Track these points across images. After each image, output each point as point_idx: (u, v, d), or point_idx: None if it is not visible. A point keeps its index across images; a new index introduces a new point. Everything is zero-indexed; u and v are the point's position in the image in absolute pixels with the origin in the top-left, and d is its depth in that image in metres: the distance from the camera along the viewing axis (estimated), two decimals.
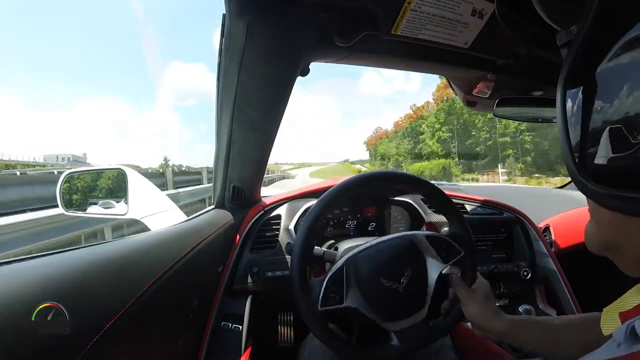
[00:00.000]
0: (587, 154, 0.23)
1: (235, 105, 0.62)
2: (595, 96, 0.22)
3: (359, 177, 0.63)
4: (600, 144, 0.21)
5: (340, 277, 0.58)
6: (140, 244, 0.51)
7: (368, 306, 0.57)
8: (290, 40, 0.52)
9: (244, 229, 0.86)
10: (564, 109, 0.24)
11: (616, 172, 0.21)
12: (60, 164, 47.15)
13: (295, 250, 0.58)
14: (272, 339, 0.98)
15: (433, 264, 0.61)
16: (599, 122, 0.22)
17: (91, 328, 0.34)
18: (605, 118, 0.21)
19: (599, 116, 0.22)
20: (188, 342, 0.65)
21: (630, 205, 0.20)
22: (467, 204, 1.03)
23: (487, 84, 0.70)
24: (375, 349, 0.60)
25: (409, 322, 0.59)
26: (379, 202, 1.00)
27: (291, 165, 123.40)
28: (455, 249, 0.62)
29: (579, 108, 0.23)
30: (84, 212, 0.91)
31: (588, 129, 0.22)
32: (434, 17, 0.49)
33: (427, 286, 0.60)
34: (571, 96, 0.24)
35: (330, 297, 0.56)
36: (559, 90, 0.24)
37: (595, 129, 0.22)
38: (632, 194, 0.20)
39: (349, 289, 0.58)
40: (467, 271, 0.63)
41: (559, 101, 0.24)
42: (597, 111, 0.22)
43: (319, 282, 0.58)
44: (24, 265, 0.34)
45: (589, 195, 0.23)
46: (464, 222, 0.64)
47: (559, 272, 0.92)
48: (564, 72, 0.24)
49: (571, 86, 0.24)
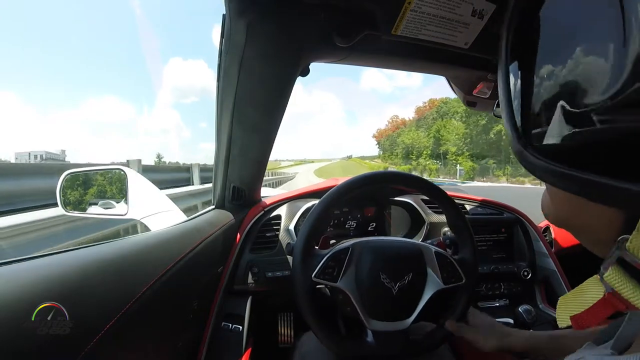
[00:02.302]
0: (530, 128, 0.22)
1: (235, 105, 0.62)
2: (531, 66, 0.21)
3: (367, 175, 0.64)
4: (539, 115, 0.21)
5: (344, 256, 0.59)
6: (140, 244, 0.51)
7: (358, 295, 0.58)
8: (290, 41, 0.52)
9: (244, 229, 0.86)
10: (507, 84, 0.23)
11: (563, 148, 0.19)
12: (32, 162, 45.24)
13: (297, 249, 0.58)
14: (272, 339, 0.98)
15: (433, 280, 0.61)
16: (538, 94, 0.21)
17: (91, 328, 0.34)
18: (542, 89, 0.21)
19: (537, 88, 0.21)
20: (188, 343, 0.65)
21: (577, 187, 0.19)
22: (467, 204, 1.03)
23: (487, 84, 0.70)
24: (349, 341, 0.60)
25: (390, 327, 0.59)
26: (379, 202, 1.00)
27: (291, 162, 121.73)
28: (458, 274, 0.62)
29: (518, 81, 0.23)
30: (83, 212, 0.91)
31: (529, 103, 0.22)
32: (434, 18, 0.49)
33: (421, 298, 0.60)
34: (512, 71, 0.23)
35: (327, 272, 0.57)
36: (500, 65, 0.24)
37: (534, 101, 0.21)
38: (580, 174, 0.18)
39: (347, 271, 0.58)
40: (461, 298, 0.63)
41: (501, 77, 0.24)
42: (534, 83, 0.21)
43: (322, 253, 0.59)
44: (24, 266, 0.34)
45: (536, 174, 0.21)
46: (475, 251, 0.64)
47: (559, 272, 0.92)
48: (503, 47, 0.24)
49: (512, 59, 0.23)
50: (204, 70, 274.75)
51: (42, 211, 2.20)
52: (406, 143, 62.46)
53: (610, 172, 0.17)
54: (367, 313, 0.58)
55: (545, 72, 0.20)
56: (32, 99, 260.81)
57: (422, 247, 0.63)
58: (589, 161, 0.18)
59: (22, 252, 0.57)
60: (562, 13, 0.20)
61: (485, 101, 0.76)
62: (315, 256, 0.59)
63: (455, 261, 0.63)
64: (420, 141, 58.77)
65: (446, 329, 0.62)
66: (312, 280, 0.57)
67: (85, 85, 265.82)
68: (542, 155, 0.20)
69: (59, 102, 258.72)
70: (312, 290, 0.58)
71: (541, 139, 0.21)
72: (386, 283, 0.58)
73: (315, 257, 0.59)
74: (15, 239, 1.90)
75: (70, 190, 0.90)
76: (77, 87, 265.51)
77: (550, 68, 0.20)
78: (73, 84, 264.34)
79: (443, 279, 0.61)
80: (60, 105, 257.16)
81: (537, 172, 0.21)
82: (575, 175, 0.18)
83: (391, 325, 0.59)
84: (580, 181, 0.18)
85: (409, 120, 72.02)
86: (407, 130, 66.63)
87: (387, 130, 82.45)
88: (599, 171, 0.17)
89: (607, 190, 0.17)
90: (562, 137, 0.19)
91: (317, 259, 0.58)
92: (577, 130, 0.18)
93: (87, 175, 0.92)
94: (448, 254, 0.64)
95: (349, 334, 0.62)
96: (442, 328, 0.63)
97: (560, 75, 0.19)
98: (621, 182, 0.16)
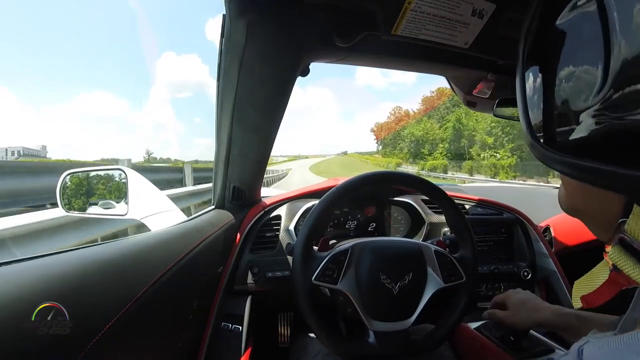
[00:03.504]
0: (542, 124, 0.24)
1: (235, 105, 0.62)
2: (550, 67, 0.23)
3: (364, 176, 0.64)
4: (551, 112, 0.23)
5: (343, 258, 0.59)
6: (140, 244, 0.51)
7: (359, 296, 0.58)
8: (290, 41, 0.52)
9: (244, 229, 0.86)
10: (523, 83, 0.26)
11: (574, 142, 0.22)
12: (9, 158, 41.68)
13: (297, 249, 0.58)
14: (272, 339, 0.98)
15: (433, 280, 0.61)
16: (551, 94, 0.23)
17: (91, 328, 0.34)
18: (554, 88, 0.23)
19: (550, 87, 0.23)
20: (188, 343, 0.65)
21: (591, 176, 0.21)
22: (467, 204, 1.03)
23: (487, 84, 0.70)
24: (350, 342, 0.60)
25: (391, 327, 0.59)
26: (379, 202, 1.00)
27: (285, 157, 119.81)
28: (458, 272, 0.62)
29: (537, 81, 0.25)
30: (84, 212, 0.91)
31: (542, 100, 0.24)
32: (434, 18, 0.49)
33: (421, 298, 0.60)
34: (529, 71, 0.25)
35: (327, 274, 0.57)
36: (518, 67, 0.26)
37: (545, 99, 0.24)
38: (589, 164, 0.20)
39: (347, 273, 0.58)
40: (461, 297, 0.63)
41: (518, 77, 0.26)
42: (551, 84, 0.23)
43: (321, 256, 0.59)
44: (24, 266, 0.34)
45: (547, 163, 0.23)
46: (474, 249, 0.64)
47: (559, 273, 0.92)
48: (521, 50, 0.26)
49: (529, 61, 0.25)
50: (198, 65, 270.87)
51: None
52: (417, 135, 53.63)
53: (612, 160, 0.19)
54: (368, 314, 0.58)
55: (564, 72, 0.22)
56: (17, 92, 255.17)
57: (422, 247, 0.63)
58: (593, 151, 0.20)
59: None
60: (582, 17, 0.21)
61: (485, 101, 0.76)
62: (315, 258, 0.59)
63: (455, 260, 0.63)
64: (435, 133, 50.95)
65: (446, 329, 0.62)
66: (312, 283, 0.57)
67: (76, 79, 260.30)
68: (553, 148, 0.23)
69: (47, 96, 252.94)
70: (312, 293, 0.58)
71: (552, 133, 0.23)
72: (386, 283, 0.58)
73: (315, 259, 0.59)
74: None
75: (70, 190, 0.90)
76: (67, 81, 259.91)
77: (565, 68, 0.22)
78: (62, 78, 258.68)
79: (443, 277, 0.61)
80: (47, 99, 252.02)
81: (548, 162, 0.23)
82: (579, 164, 0.21)
83: (392, 325, 0.59)
84: (582, 168, 0.21)
85: (415, 113, 65.30)
86: (413, 122, 59.18)
87: (388, 123, 76.43)
88: (602, 160, 0.19)
89: (606, 176, 0.19)
90: (571, 132, 0.22)
91: (317, 262, 0.58)
92: (582, 125, 0.21)
93: (87, 175, 0.92)
94: (448, 252, 0.64)
95: (350, 335, 0.62)
96: (442, 328, 0.63)
97: (571, 77, 0.22)
98: (620, 169, 0.18)
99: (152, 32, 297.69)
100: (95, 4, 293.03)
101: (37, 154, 65.29)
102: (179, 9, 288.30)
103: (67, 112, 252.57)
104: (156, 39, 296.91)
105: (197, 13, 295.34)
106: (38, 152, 67.57)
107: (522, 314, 0.61)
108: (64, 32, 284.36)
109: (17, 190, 2.64)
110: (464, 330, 0.81)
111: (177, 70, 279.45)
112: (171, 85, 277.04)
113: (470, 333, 0.78)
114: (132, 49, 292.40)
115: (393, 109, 75.40)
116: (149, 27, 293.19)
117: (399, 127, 65.56)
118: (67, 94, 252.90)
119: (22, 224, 1.74)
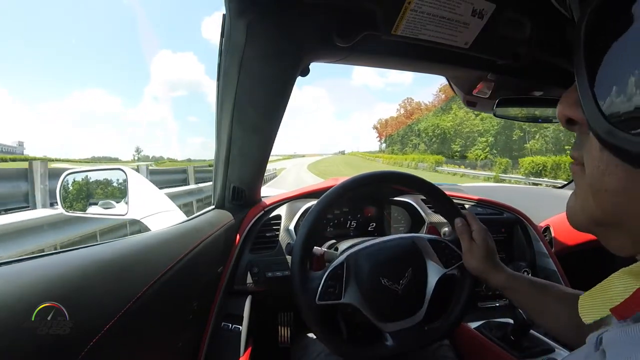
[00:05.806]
0: (616, 109, 0.20)
1: (235, 105, 0.62)
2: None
3: (362, 176, 0.64)
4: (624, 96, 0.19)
5: (341, 272, 0.58)
6: (140, 244, 0.51)
7: (366, 304, 0.58)
8: (290, 41, 0.52)
9: (244, 229, 0.86)
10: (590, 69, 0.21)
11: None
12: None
13: (296, 249, 0.58)
14: (272, 339, 0.98)
15: (433, 268, 0.61)
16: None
17: (91, 328, 0.34)
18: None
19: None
20: (188, 343, 0.65)
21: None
22: (467, 204, 1.03)
23: (487, 84, 0.70)
24: (369, 348, 0.60)
25: (405, 324, 0.59)
26: (379, 202, 1.00)
27: (279, 156, 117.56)
28: (456, 254, 0.63)
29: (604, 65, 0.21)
30: (83, 212, 0.91)
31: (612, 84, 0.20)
32: (434, 18, 0.49)
33: (426, 289, 0.60)
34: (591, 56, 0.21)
35: (329, 292, 0.57)
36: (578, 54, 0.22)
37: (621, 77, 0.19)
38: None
39: (349, 286, 0.58)
40: (466, 278, 0.63)
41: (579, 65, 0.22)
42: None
43: (319, 276, 0.58)
44: (24, 266, 0.34)
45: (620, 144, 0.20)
46: None
47: (559, 273, 0.92)
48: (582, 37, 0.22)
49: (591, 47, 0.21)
50: (193, 63, 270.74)
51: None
52: (443, 128, 44.12)
53: None
54: (379, 318, 0.58)
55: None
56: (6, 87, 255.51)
57: (414, 239, 0.63)
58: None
59: None
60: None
61: (485, 101, 0.76)
62: (313, 280, 0.58)
63: (449, 243, 0.63)
64: (472, 124, 39.75)
65: (459, 309, 0.63)
66: (317, 304, 0.56)
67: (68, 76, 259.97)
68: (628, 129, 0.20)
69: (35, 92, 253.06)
70: (320, 314, 0.57)
71: (627, 118, 0.20)
72: (389, 286, 0.58)
73: (313, 280, 0.58)
74: None
75: (70, 190, 0.90)
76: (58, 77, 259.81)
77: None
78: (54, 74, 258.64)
79: (443, 263, 0.61)
80: (38, 96, 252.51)
81: (626, 145, 0.20)
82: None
83: (405, 322, 0.59)
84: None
85: (429, 105, 53.51)
86: (430, 114, 46.80)
87: (397, 117, 64.59)
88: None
89: None
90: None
91: (316, 282, 0.58)
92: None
93: (87, 175, 0.92)
94: (441, 237, 0.64)
95: (366, 339, 0.63)
96: (454, 310, 0.63)
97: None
98: None
99: (147, 30, 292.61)
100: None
101: (13, 150, 62.03)
102: (174, 7, 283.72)
103: (57, 108, 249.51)
104: (152, 37, 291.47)
105: (194, 11, 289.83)
106: (14, 148, 64.08)
107: (479, 263, 0.59)
108: (59, 29, 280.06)
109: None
110: (464, 330, 0.81)
111: (172, 68, 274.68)
112: (166, 84, 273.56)
113: (470, 333, 0.78)
114: (125, 46, 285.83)
115: (403, 101, 64.53)
116: (145, 25, 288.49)
117: (410, 121, 55.06)
118: (59, 92, 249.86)
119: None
